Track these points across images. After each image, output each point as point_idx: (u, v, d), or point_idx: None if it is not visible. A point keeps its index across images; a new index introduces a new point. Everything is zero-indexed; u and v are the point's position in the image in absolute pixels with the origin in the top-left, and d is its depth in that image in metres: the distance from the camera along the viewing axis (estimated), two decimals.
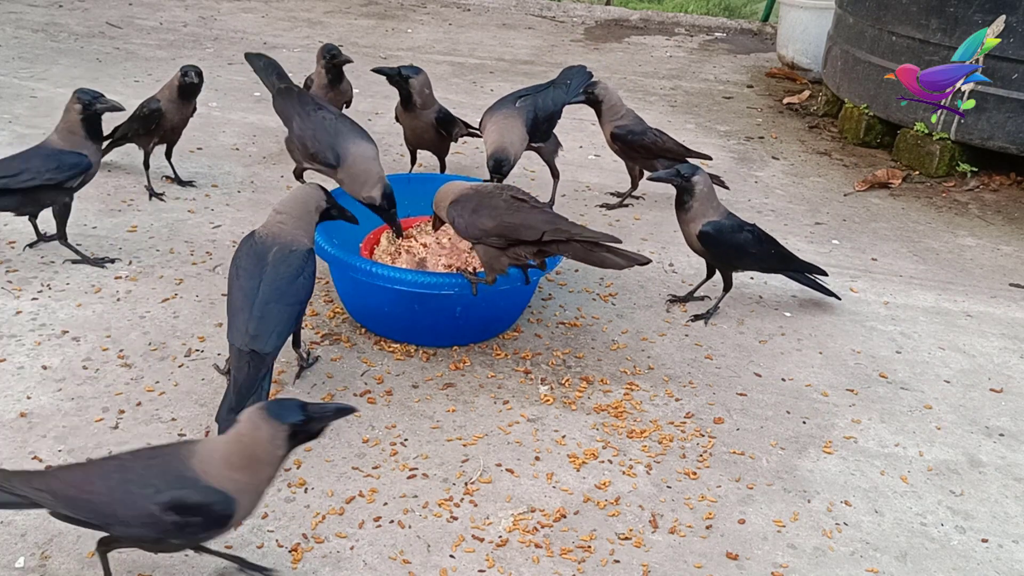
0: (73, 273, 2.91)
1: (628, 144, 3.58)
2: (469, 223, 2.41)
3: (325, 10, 7.00)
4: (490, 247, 2.40)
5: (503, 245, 2.37)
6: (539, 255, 2.41)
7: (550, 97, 3.14)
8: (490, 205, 2.41)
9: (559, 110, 3.19)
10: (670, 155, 3.64)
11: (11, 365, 2.44)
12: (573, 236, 2.30)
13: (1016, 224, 3.96)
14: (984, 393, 2.69)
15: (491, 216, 2.37)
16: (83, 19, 6.09)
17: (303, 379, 2.48)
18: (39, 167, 2.77)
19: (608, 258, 2.31)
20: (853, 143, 4.81)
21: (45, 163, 2.78)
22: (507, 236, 2.35)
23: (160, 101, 3.39)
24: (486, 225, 2.37)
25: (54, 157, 2.79)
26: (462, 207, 2.45)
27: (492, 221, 2.37)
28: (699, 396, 2.56)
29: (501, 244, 2.37)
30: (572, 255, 2.36)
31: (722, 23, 7.53)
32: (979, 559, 2.06)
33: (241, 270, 2.23)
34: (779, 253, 2.97)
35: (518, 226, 2.34)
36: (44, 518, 1.94)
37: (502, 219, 2.36)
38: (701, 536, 2.05)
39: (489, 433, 2.33)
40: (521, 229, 2.33)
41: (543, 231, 2.30)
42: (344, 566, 1.89)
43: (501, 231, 2.36)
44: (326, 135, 2.84)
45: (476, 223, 2.39)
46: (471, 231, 2.41)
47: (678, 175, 2.84)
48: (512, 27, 7.00)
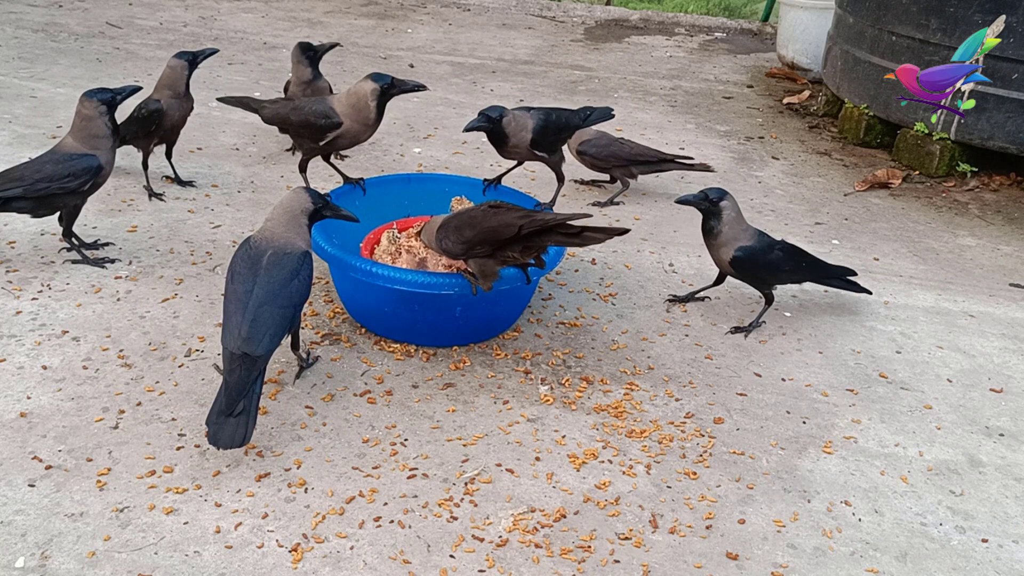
0: (73, 273, 2.91)
1: (594, 157, 3.76)
2: (455, 240, 2.47)
3: (325, 10, 7.00)
4: (479, 257, 2.45)
5: (489, 252, 2.42)
6: (527, 252, 2.44)
7: (564, 115, 3.15)
8: (469, 218, 2.48)
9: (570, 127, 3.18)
10: (643, 159, 3.80)
11: (11, 365, 2.44)
12: (548, 223, 2.35)
13: (1016, 224, 3.96)
14: (984, 393, 2.69)
15: (471, 227, 2.44)
16: (83, 19, 6.09)
17: (303, 379, 2.48)
18: (53, 173, 2.78)
19: (589, 237, 2.37)
20: (853, 143, 4.81)
21: (57, 169, 2.79)
22: (490, 241, 2.41)
23: (160, 101, 3.38)
24: (468, 235, 2.43)
25: (67, 163, 2.80)
26: (447, 230, 2.51)
27: (473, 231, 2.43)
28: (699, 396, 2.56)
29: (487, 251, 2.42)
30: (556, 242, 2.43)
31: (722, 23, 7.53)
32: (979, 559, 2.06)
33: (236, 275, 2.24)
34: (810, 263, 2.95)
35: (496, 228, 2.39)
36: (44, 518, 1.94)
37: (481, 225, 2.42)
38: (701, 536, 2.05)
39: (489, 433, 2.33)
40: (500, 230, 2.39)
41: (520, 226, 2.35)
42: (344, 566, 1.89)
43: (483, 237, 2.41)
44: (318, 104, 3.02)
45: (460, 238, 2.45)
46: (457, 248, 2.47)
47: (706, 199, 2.80)
48: (512, 27, 7.00)
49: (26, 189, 2.78)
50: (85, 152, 2.82)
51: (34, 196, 2.79)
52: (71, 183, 2.79)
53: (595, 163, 3.78)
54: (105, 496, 2.01)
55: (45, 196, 2.80)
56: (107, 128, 2.84)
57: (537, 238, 2.38)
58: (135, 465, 2.11)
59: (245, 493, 2.06)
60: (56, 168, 2.79)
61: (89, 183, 2.83)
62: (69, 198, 2.85)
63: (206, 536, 1.93)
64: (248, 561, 1.88)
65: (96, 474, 2.07)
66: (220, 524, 1.96)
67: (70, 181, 2.79)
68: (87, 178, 2.81)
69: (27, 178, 2.79)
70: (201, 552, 1.89)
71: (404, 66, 5.63)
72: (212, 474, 2.10)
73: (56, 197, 2.82)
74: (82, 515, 1.96)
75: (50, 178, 2.78)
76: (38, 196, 2.79)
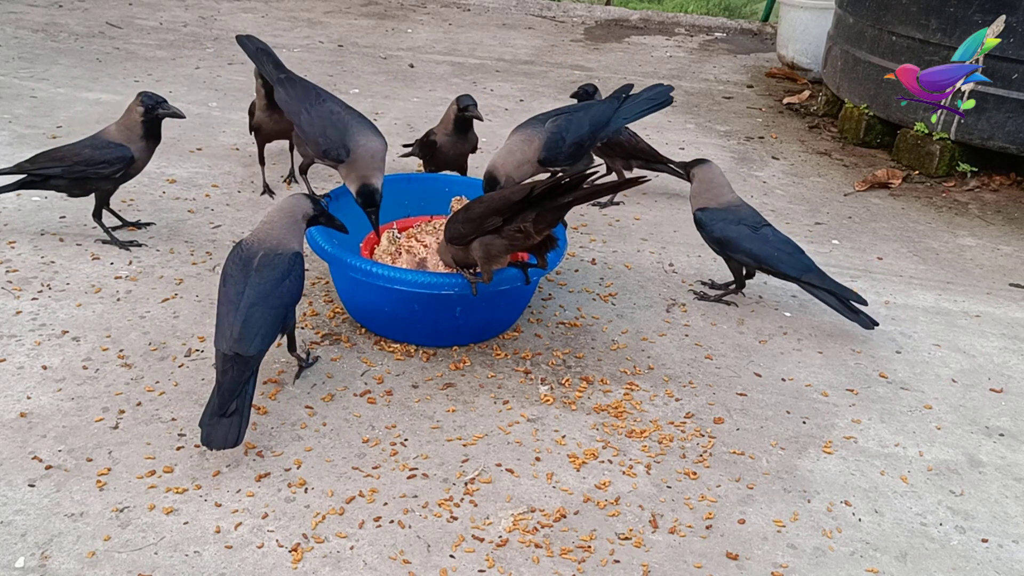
0: (73, 273, 2.91)
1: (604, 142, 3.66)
2: (463, 220, 2.43)
3: (325, 10, 7.00)
4: (486, 235, 2.38)
5: (499, 224, 2.35)
6: (539, 223, 2.35)
7: (590, 116, 2.95)
8: (478, 199, 2.47)
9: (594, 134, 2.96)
10: (643, 155, 3.78)
11: (11, 365, 2.44)
12: (559, 180, 2.26)
13: (1016, 224, 3.96)
14: (984, 393, 2.69)
15: (480, 202, 2.42)
16: (83, 19, 6.09)
17: (303, 379, 2.48)
18: (90, 158, 2.97)
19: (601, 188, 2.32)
20: (853, 143, 4.81)
21: (95, 155, 2.97)
22: (499, 210, 2.34)
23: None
24: (478, 210, 2.39)
25: (103, 150, 2.98)
26: (455, 217, 2.49)
27: (482, 206, 2.40)
28: (699, 396, 2.56)
29: (498, 223, 2.34)
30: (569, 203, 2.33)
31: (722, 23, 7.53)
32: (979, 559, 2.06)
33: (228, 277, 2.25)
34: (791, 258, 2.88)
35: (507, 196, 2.35)
36: (44, 518, 1.94)
37: (492, 199, 2.40)
38: (701, 536, 2.05)
39: (489, 433, 2.33)
40: (511, 195, 2.33)
41: (532, 186, 2.27)
42: (344, 566, 1.89)
43: (494, 207, 2.35)
44: (336, 131, 2.80)
45: (468, 216, 2.41)
46: (466, 228, 2.41)
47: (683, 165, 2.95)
48: (512, 27, 7.01)
49: (65, 169, 2.97)
50: (121, 143, 3.00)
51: (71, 177, 2.98)
52: (105, 169, 2.97)
53: (601, 148, 3.69)
54: (105, 496, 2.01)
55: (80, 178, 2.99)
56: (142, 129, 3.00)
57: (549, 201, 2.30)
58: (135, 465, 2.11)
59: (245, 493, 2.06)
60: (93, 153, 2.97)
61: (121, 172, 3.00)
62: (102, 183, 3.02)
63: (206, 536, 1.93)
64: (248, 561, 1.88)
65: (96, 474, 2.07)
66: (220, 524, 1.96)
67: (104, 167, 2.97)
68: (119, 167, 2.99)
69: (67, 159, 2.98)
70: (201, 552, 1.89)
71: (404, 66, 5.63)
72: (212, 474, 2.10)
73: (90, 180, 3.00)
74: (82, 515, 1.96)
75: (87, 162, 2.96)
76: (74, 177, 2.98)
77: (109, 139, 3.01)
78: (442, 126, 3.31)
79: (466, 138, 3.29)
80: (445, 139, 3.27)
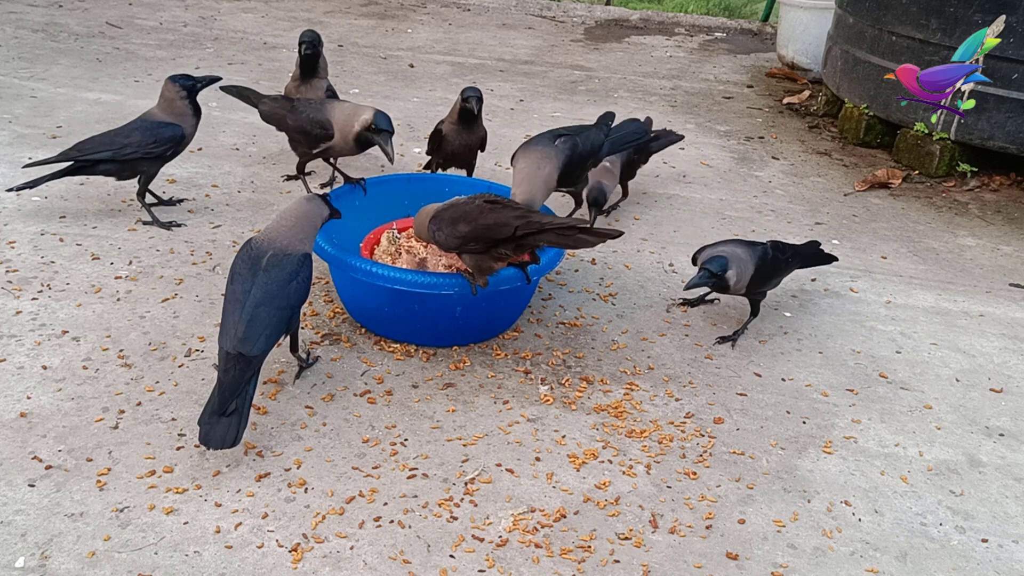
0: (73, 273, 2.91)
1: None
2: (448, 234, 2.46)
3: (325, 10, 7.00)
4: (473, 253, 2.44)
5: (483, 248, 2.41)
6: (520, 250, 2.44)
7: (589, 139, 2.99)
8: (465, 212, 2.46)
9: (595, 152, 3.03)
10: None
11: (11, 365, 2.44)
12: (544, 226, 2.34)
13: (1016, 224, 3.96)
14: (984, 393, 2.69)
15: (467, 222, 2.43)
16: (83, 19, 6.09)
17: (303, 379, 2.48)
18: (140, 141, 3.07)
19: (581, 239, 2.36)
20: (853, 143, 4.81)
21: (145, 137, 3.08)
22: (483, 238, 2.40)
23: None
24: (463, 231, 2.42)
25: (153, 131, 3.09)
26: (440, 221, 2.49)
27: (468, 226, 2.42)
28: (699, 396, 2.56)
29: (481, 248, 2.41)
30: (548, 243, 2.43)
31: (722, 23, 7.53)
32: (979, 559, 2.06)
33: (236, 275, 2.24)
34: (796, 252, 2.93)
35: (492, 226, 2.38)
36: (44, 518, 1.94)
37: (477, 222, 2.41)
38: (701, 536, 2.05)
39: (489, 433, 2.33)
40: (495, 228, 2.38)
41: (515, 226, 2.35)
42: (344, 566, 1.89)
43: (477, 234, 2.40)
44: (317, 113, 3.05)
45: (454, 232, 2.44)
46: (451, 242, 2.46)
47: (711, 276, 2.66)
48: (512, 27, 7.00)
49: (115, 153, 3.05)
50: (171, 121, 3.11)
51: (121, 159, 3.07)
52: (157, 148, 3.08)
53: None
54: (105, 496, 2.01)
55: (131, 160, 3.08)
56: (189, 108, 3.13)
57: (531, 238, 2.38)
58: (135, 465, 2.11)
59: (245, 493, 2.06)
60: (144, 135, 3.08)
61: (171, 150, 3.11)
62: (152, 163, 3.13)
63: (206, 536, 1.93)
64: (248, 561, 1.88)
65: (96, 474, 2.07)
66: (220, 524, 1.96)
67: (156, 147, 3.08)
68: (171, 145, 3.10)
69: (117, 143, 3.07)
70: (201, 552, 1.89)
71: (404, 66, 5.63)
72: (212, 474, 2.11)
73: (140, 162, 3.10)
74: (82, 515, 1.96)
75: (138, 144, 3.07)
76: (125, 160, 3.07)
77: (160, 119, 3.10)
78: (449, 117, 3.34)
79: (472, 130, 3.30)
80: (451, 129, 3.31)
